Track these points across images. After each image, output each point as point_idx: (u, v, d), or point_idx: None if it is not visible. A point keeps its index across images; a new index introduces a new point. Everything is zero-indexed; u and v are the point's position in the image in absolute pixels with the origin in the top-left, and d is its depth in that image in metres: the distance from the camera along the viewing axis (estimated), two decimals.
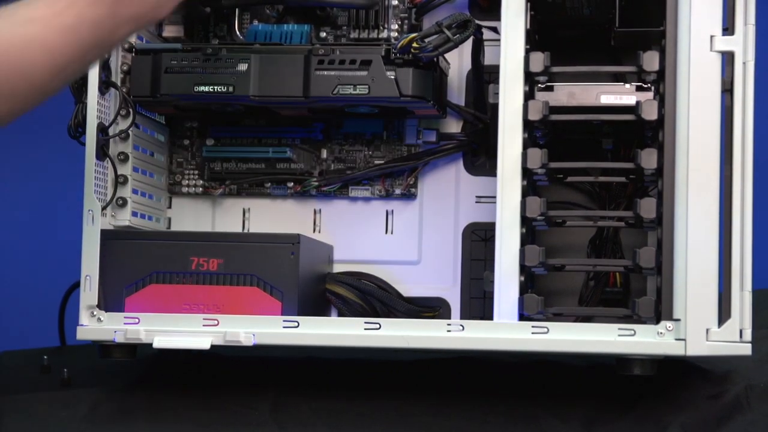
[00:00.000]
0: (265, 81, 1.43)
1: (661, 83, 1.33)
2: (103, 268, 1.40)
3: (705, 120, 1.30)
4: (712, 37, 1.30)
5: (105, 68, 1.42)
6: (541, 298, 1.33)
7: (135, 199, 1.49)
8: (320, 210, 1.59)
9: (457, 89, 1.56)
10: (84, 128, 1.41)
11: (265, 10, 1.56)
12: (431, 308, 1.55)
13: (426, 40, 1.38)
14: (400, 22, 1.54)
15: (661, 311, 1.30)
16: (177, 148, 1.60)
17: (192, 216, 1.60)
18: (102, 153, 1.43)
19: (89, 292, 1.38)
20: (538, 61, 1.34)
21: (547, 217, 1.35)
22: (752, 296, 1.30)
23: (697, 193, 1.29)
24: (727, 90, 1.32)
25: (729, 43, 1.30)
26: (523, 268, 1.34)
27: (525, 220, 1.34)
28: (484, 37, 1.48)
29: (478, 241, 1.55)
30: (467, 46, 1.45)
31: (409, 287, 1.56)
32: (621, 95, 1.35)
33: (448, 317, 1.55)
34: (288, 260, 1.40)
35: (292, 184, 1.57)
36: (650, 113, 1.32)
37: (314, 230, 1.59)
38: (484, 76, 1.52)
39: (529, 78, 1.35)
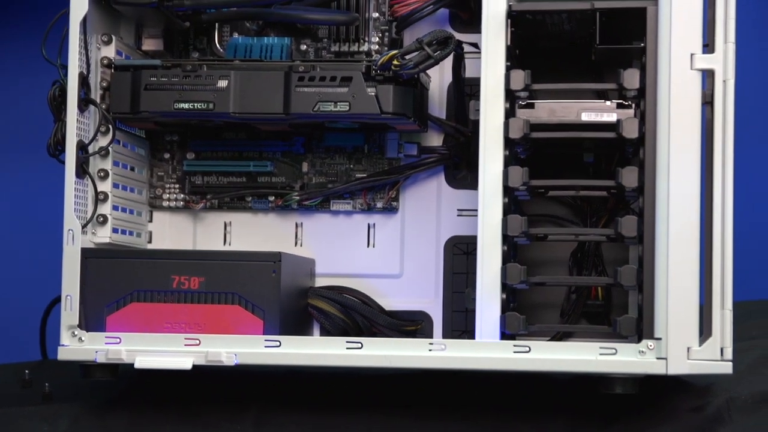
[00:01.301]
0: (246, 98, 1.42)
1: (641, 100, 1.33)
2: (83, 287, 1.39)
3: (686, 138, 1.30)
4: (692, 55, 1.30)
5: (84, 85, 1.42)
6: (522, 317, 1.33)
7: (115, 216, 1.48)
8: (302, 224, 1.58)
9: (438, 102, 1.56)
10: (63, 146, 1.41)
11: (245, 23, 1.55)
12: (413, 322, 1.55)
13: (406, 57, 1.38)
14: (380, 35, 1.54)
15: (642, 329, 1.31)
16: (157, 162, 1.59)
17: (173, 230, 1.60)
18: (82, 171, 1.42)
19: (70, 312, 1.38)
20: (519, 78, 1.33)
21: (528, 234, 1.35)
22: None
23: (677, 210, 1.29)
24: (708, 102, 1.32)
25: (709, 61, 1.30)
26: (505, 286, 1.34)
27: (506, 238, 1.34)
28: (465, 49, 1.48)
29: (460, 255, 1.55)
30: (448, 60, 1.45)
31: (391, 301, 1.56)
32: (602, 112, 1.35)
33: (431, 331, 1.55)
34: (269, 278, 1.39)
35: (274, 197, 1.57)
36: (631, 131, 1.32)
37: (296, 244, 1.58)
38: (465, 90, 1.52)
39: (510, 95, 1.35)
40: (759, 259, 2.03)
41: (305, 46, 1.54)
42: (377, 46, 1.54)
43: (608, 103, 1.35)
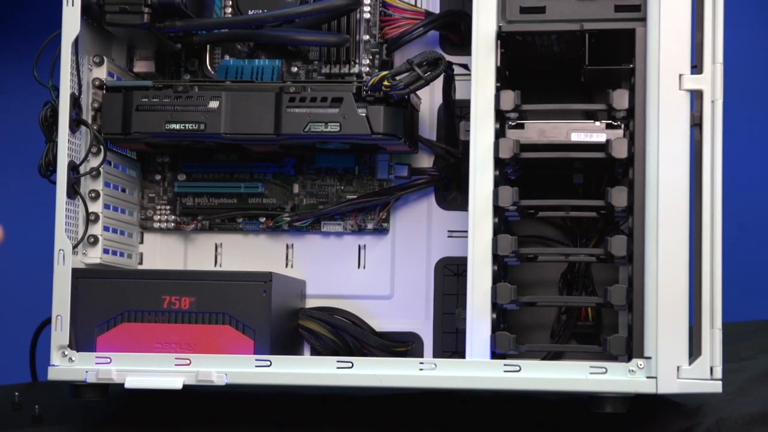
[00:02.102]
0: (237, 118, 1.43)
1: (631, 121, 1.34)
2: (74, 307, 1.39)
3: (674, 158, 1.30)
4: (680, 75, 1.31)
5: (76, 106, 1.42)
6: (513, 336, 1.33)
7: (106, 237, 1.48)
8: (293, 245, 1.59)
9: (428, 124, 1.56)
10: (54, 167, 1.41)
11: (237, 45, 1.56)
12: (404, 343, 1.55)
13: (397, 78, 1.39)
14: (371, 57, 1.55)
15: (632, 348, 1.31)
16: (148, 183, 1.60)
17: (164, 251, 1.60)
18: (73, 191, 1.42)
19: (60, 332, 1.38)
20: (509, 99, 1.34)
21: (518, 254, 1.35)
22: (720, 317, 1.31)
23: (667, 230, 1.30)
24: (697, 124, 1.33)
25: (698, 81, 1.31)
26: (495, 306, 1.34)
27: (496, 258, 1.34)
28: (456, 71, 1.49)
29: (451, 276, 1.55)
30: (438, 81, 1.45)
31: (381, 322, 1.56)
32: (591, 133, 1.35)
33: (421, 352, 1.55)
34: (260, 298, 1.40)
35: (264, 219, 1.57)
36: (620, 151, 1.33)
37: (287, 265, 1.59)
38: (455, 111, 1.53)
39: (500, 116, 1.35)
40: (749, 281, 2.04)
41: (296, 68, 1.55)
42: (368, 68, 1.54)
43: (597, 123, 1.36)
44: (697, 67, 1.33)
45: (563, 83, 1.49)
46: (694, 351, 1.31)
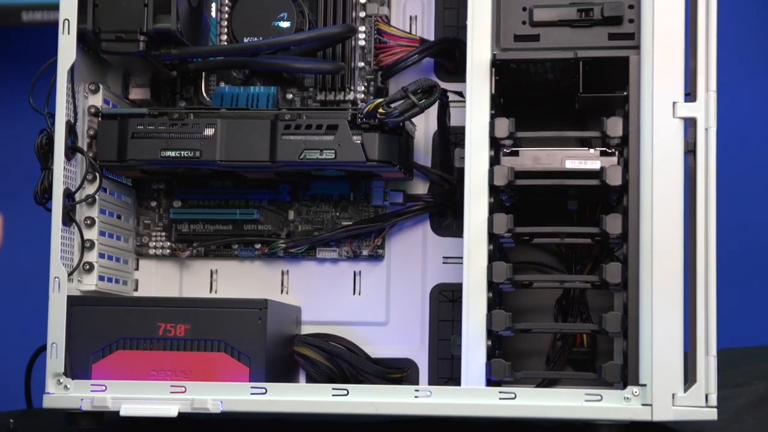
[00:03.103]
0: (232, 146, 1.43)
1: (625, 148, 1.34)
2: (69, 335, 1.39)
3: (669, 185, 1.31)
4: (674, 103, 1.32)
5: (71, 133, 1.42)
6: (508, 363, 1.33)
7: (102, 264, 1.49)
8: (288, 271, 1.59)
9: (423, 150, 1.57)
10: (50, 194, 1.41)
11: (232, 72, 1.56)
12: (399, 369, 1.55)
13: (392, 105, 1.39)
14: (366, 84, 1.55)
15: (627, 375, 1.31)
16: (144, 210, 1.60)
17: (159, 278, 1.60)
18: (68, 218, 1.42)
19: (55, 360, 1.38)
20: (503, 127, 1.35)
21: (513, 281, 1.35)
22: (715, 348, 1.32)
23: (661, 257, 1.30)
24: (691, 151, 1.34)
25: (691, 109, 1.32)
26: (490, 333, 1.34)
27: (491, 285, 1.35)
28: (450, 98, 1.49)
29: (446, 302, 1.55)
30: (433, 108, 1.46)
31: (377, 348, 1.56)
32: (585, 160, 1.36)
33: (416, 378, 1.55)
34: (255, 326, 1.40)
35: (260, 245, 1.57)
36: (614, 179, 1.33)
37: (282, 291, 1.59)
38: (450, 138, 1.53)
39: (495, 143, 1.36)
40: (743, 307, 2.04)
41: (291, 95, 1.55)
42: (363, 95, 1.55)
43: (592, 150, 1.37)
44: (690, 95, 1.34)
45: (558, 110, 1.49)
46: (689, 378, 1.32)
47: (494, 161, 1.36)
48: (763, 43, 2.39)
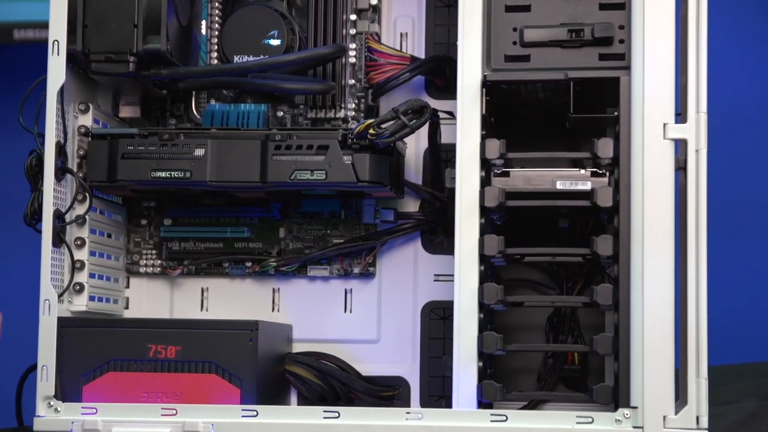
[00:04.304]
0: (222, 166, 1.43)
1: (616, 168, 1.34)
2: (60, 356, 1.39)
3: (659, 207, 1.31)
4: (665, 125, 1.31)
5: (61, 154, 1.42)
6: (499, 386, 1.33)
7: (92, 284, 1.48)
8: (279, 289, 1.59)
9: (414, 168, 1.57)
10: (40, 215, 1.40)
11: (222, 90, 1.56)
12: (391, 387, 1.55)
13: (382, 126, 1.39)
14: (357, 101, 1.55)
15: (618, 397, 1.31)
16: (134, 228, 1.59)
17: (150, 296, 1.60)
18: (58, 240, 1.42)
19: (46, 383, 1.37)
20: (494, 148, 1.35)
21: (504, 302, 1.35)
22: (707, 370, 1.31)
23: (652, 279, 1.30)
24: (681, 168, 1.34)
25: (682, 131, 1.32)
26: (482, 354, 1.34)
27: (483, 306, 1.34)
28: (441, 116, 1.49)
29: (437, 320, 1.55)
30: (424, 127, 1.45)
31: (368, 366, 1.56)
32: (576, 181, 1.36)
33: (408, 396, 1.55)
34: (246, 347, 1.40)
35: (251, 263, 1.57)
36: (605, 200, 1.33)
37: (273, 309, 1.58)
38: (440, 156, 1.53)
39: (485, 164, 1.36)
40: (734, 324, 2.04)
41: (282, 113, 1.55)
42: (353, 112, 1.55)
43: (583, 171, 1.36)
44: (681, 115, 1.33)
45: (548, 130, 1.49)
46: (680, 398, 1.32)
47: (485, 182, 1.36)
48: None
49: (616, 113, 1.35)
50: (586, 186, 1.35)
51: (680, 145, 1.33)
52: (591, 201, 1.34)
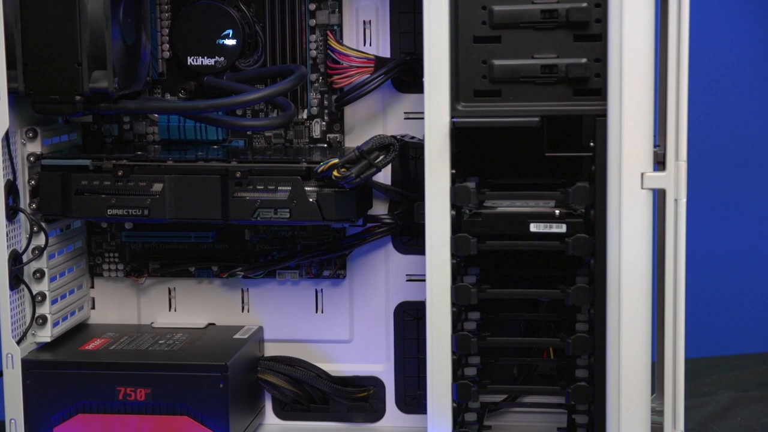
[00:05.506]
0: (182, 203, 1.36)
1: (591, 211, 1.29)
2: (28, 399, 1.37)
3: (636, 254, 1.26)
4: (642, 174, 1.25)
5: (12, 192, 1.35)
6: (474, 387, 1.33)
7: (54, 311, 1.44)
8: (248, 290, 1.55)
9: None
10: None
11: (179, 94, 1.48)
12: (364, 388, 1.54)
13: (347, 167, 1.32)
14: (319, 97, 1.47)
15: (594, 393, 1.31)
16: (95, 230, 1.54)
17: (116, 296, 1.55)
18: (16, 281, 1.37)
19: None
20: (465, 194, 1.29)
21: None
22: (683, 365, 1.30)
23: (629, 323, 1.27)
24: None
25: (660, 181, 1.26)
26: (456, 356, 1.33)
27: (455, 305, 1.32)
28: (410, 116, 1.44)
29: (411, 320, 1.53)
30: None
31: (342, 366, 1.54)
32: (551, 224, 1.30)
33: (383, 396, 1.54)
34: (217, 390, 1.37)
35: (217, 268, 1.52)
36: (580, 251, 1.29)
37: (243, 310, 1.55)
38: (410, 153, 1.47)
39: (456, 207, 1.30)
40: (709, 317, 2.00)
41: None
42: (317, 110, 1.47)
43: (557, 212, 1.31)
44: (660, 164, 1.27)
45: (522, 165, 1.40)
46: (656, 392, 1.32)
47: (456, 222, 1.31)
48: None
49: (591, 154, 1.28)
50: (561, 228, 1.30)
51: (658, 197, 1.27)
52: (565, 248, 1.29)
